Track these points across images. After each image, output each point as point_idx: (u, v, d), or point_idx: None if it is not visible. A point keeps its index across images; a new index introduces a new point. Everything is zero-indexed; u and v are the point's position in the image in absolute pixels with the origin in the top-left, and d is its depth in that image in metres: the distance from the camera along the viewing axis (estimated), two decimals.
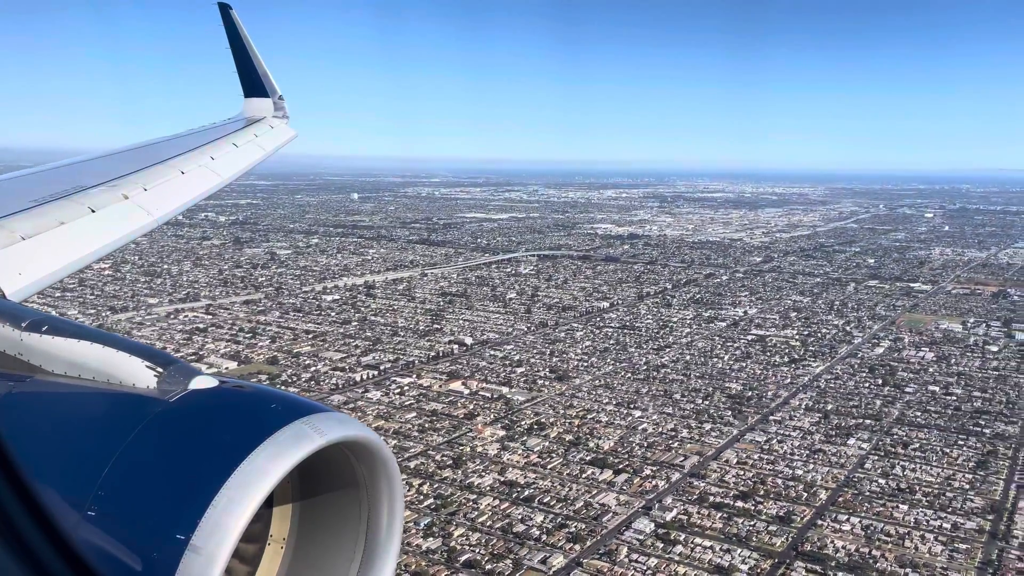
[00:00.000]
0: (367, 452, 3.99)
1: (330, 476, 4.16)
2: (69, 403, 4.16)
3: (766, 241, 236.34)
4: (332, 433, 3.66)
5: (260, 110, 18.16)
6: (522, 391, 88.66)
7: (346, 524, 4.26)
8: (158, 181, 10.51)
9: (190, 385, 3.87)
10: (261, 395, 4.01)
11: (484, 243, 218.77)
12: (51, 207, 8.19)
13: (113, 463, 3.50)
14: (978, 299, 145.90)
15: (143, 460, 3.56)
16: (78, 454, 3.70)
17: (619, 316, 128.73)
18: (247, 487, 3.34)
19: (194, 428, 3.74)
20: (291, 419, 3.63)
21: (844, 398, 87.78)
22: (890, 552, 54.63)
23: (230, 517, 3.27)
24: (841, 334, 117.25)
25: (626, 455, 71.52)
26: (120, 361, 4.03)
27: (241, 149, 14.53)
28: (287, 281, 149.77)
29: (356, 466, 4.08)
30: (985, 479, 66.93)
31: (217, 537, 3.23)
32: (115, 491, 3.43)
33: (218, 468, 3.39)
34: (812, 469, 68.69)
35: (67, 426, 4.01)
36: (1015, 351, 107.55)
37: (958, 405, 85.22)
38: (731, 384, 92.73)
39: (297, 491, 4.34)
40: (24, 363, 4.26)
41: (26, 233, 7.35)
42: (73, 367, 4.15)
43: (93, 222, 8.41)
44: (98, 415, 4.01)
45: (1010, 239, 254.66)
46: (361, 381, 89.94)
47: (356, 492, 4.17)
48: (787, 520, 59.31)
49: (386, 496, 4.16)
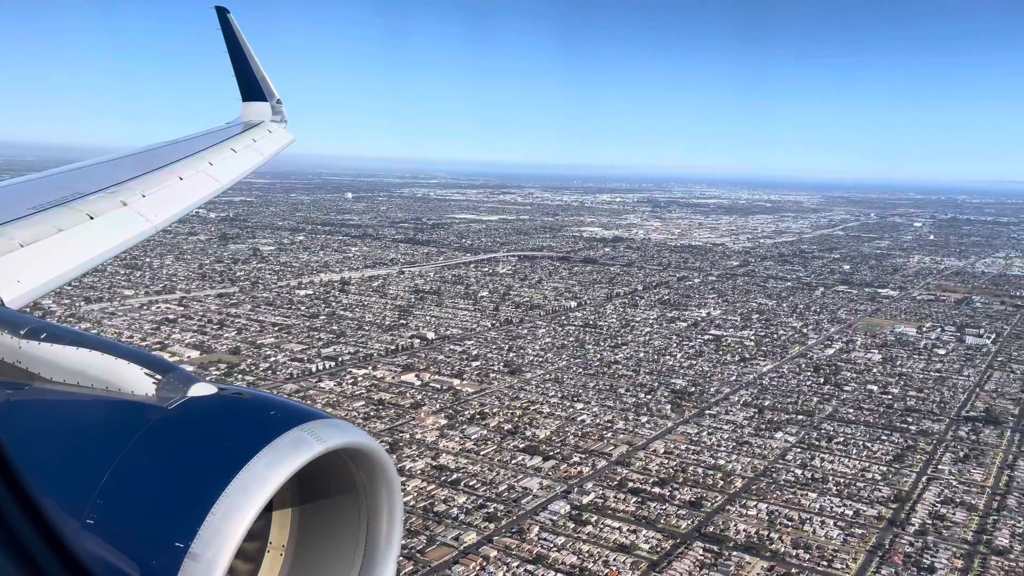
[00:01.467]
0: (366, 459, 4.00)
1: (329, 483, 4.15)
2: (68, 411, 4.13)
3: (748, 246, 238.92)
4: (331, 440, 3.67)
5: (258, 114, 18.08)
6: (473, 383, 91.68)
7: (346, 531, 4.26)
8: (156, 187, 10.49)
9: (189, 392, 3.88)
10: (260, 402, 4.00)
11: (468, 243, 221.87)
12: (49, 214, 8.18)
13: (112, 471, 3.49)
14: (941, 305, 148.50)
15: (142, 468, 3.56)
16: (77, 462, 3.69)
17: (584, 315, 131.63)
18: (246, 494, 3.35)
19: (193, 435, 3.74)
20: (290, 426, 3.65)
21: (783, 395, 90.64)
22: (788, 535, 57.50)
23: (229, 524, 3.28)
24: (797, 335, 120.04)
25: (559, 444, 74.45)
26: (119, 368, 4.03)
27: (240, 154, 14.51)
28: (264, 276, 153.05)
29: (355, 473, 4.08)
30: (898, 472, 69.70)
31: (216, 544, 3.24)
32: (114, 499, 3.43)
33: (217, 475, 3.40)
34: (734, 459, 71.54)
35: (66, 434, 3.99)
36: (962, 354, 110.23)
37: (891, 403, 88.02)
38: (677, 380, 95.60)
39: (296, 498, 4.34)
40: (23, 371, 4.24)
41: (24, 240, 7.33)
42: (72, 375, 4.14)
43: (91, 229, 8.40)
44: (97, 423, 3.98)
45: (992, 249, 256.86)
46: (317, 371, 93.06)
47: (355, 499, 4.18)
48: (698, 505, 62.19)
49: (385, 503, 4.17)
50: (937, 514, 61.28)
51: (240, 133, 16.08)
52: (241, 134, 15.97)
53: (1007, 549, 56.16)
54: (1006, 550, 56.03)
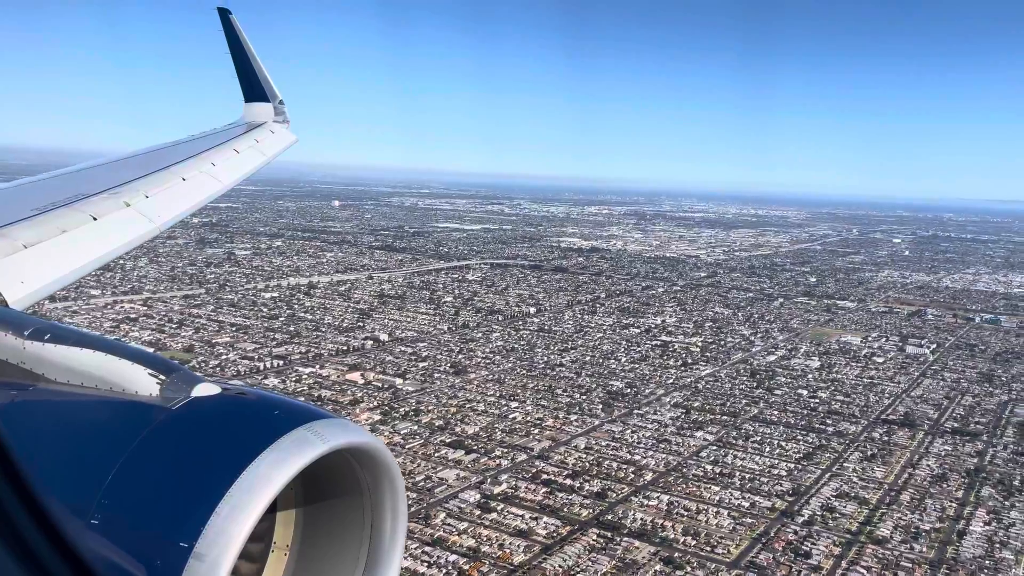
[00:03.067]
0: (370, 458, 4.02)
1: (333, 482, 4.16)
2: (72, 411, 4.13)
3: (722, 259, 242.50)
4: (335, 439, 3.70)
5: (261, 115, 18.15)
6: (415, 383, 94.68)
7: (350, 530, 4.28)
8: (160, 188, 10.52)
9: (193, 392, 3.89)
10: (264, 402, 4.02)
11: (444, 251, 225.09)
12: (53, 215, 8.18)
13: (116, 471, 3.51)
14: (894, 317, 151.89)
15: (146, 468, 3.58)
16: (81, 463, 3.71)
17: (542, 321, 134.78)
18: (250, 494, 3.37)
19: (197, 435, 3.77)
20: (294, 425, 3.67)
21: (714, 397, 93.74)
22: (681, 524, 60.48)
23: (234, 524, 3.30)
24: (744, 343, 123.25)
25: (485, 439, 77.44)
26: (123, 369, 4.04)
27: (242, 155, 14.54)
28: (234, 279, 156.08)
29: (359, 472, 4.10)
30: (805, 468, 72.77)
31: (221, 544, 3.26)
32: (119, 499, 3.45)
33: (221, 475, 3.43)
34: (649, 456, 74.57)
35: (70, 435, 3.99)
36: (899, 363, 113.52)
37: (816, 407, 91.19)
38: (615, 382, 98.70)
39: (301, 497, 4.35)
40: (27, 372, 4.26)
41: (28, 241, 7.33)
42: (76, 375, 4.15)
43: (95, 230, 8.42)
44: (101, 423, 3.99)
45: (963, 265, 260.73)
46: (264, 369, 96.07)
47: (359, 498, 4.20)
48: (603, 496, 65.18)
49: (389, 502, 4.19)
50: (829, 507, 64.35)
51: (243, 134, 16.17)
52: (244, 135, 16.08)
53: (886, 539, 59.22)
54: (885, 540, 59.09)
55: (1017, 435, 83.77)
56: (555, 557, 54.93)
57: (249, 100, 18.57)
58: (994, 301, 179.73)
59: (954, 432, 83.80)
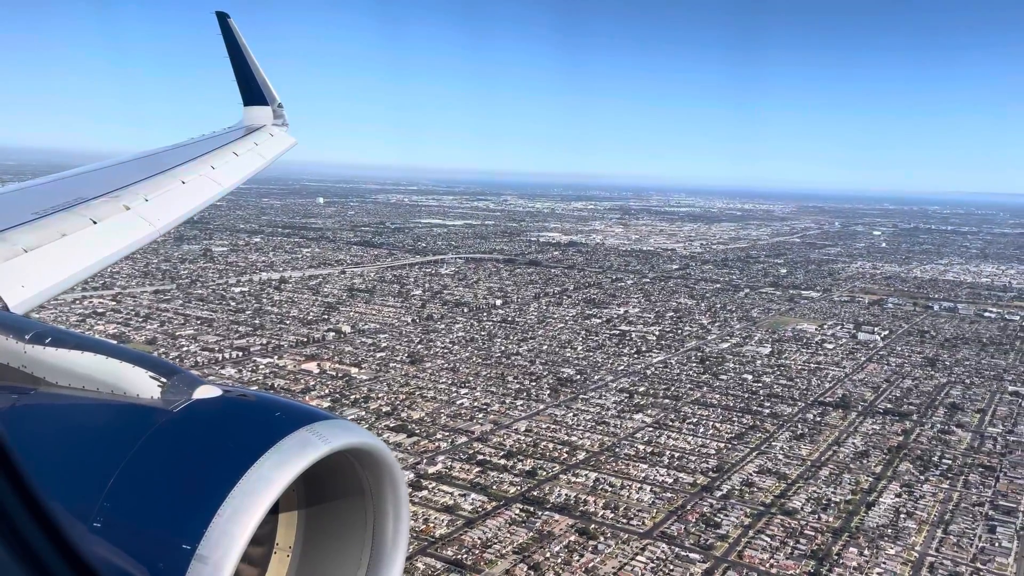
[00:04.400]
0: (372, 459, 4.07)
1: (335, 484, 4.20)
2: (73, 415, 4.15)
3: (698, 252, 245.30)
4: (337, 441, 3.73)
5: (260, 118, 18.25)
6: (370, 372, 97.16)
7: (352, 532, 4.31)
8: (159, 191, 10.54)
9: (194, 395, 3.93)
10: (265, 403, 4.05)
11: (422, 246, 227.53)
12: (53, 219, 8.19)
13: (118, 474, 3.53)
14: (855, 306, 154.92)
15: (148, 471, 3.60)
16: (83, 466, 3.73)
17: (507, 312, 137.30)
18: (252, 496, 3.40)
19: (198, 438, 3.80)
20: (295, 427, 3.70)
21: (661, 382, 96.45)
22: (602, 499, 63.14)
23: (236, 526, 3.32)
24: (701, 331, 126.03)
25: (429, 423, 80.00)
26: (124, 372, 4.07)
27: (241, 158, 14.61)
28: (207, 275, 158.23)
29: (361, 473, 4.14)
30: (734, 448, 75.49)
31: (223, 546, 3.28)
32: (121, 502, 3.47)
33: (223, 477, 3.45)
34: (586, 437, 77.21)
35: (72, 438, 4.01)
36: (849, 349, 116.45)
37: (758, 390, 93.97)
38: (567, 370, 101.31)
39: (303, 499, 4.39)
40: (28, 375, 4.27)
41: (28, 245, 7.34)
42: (77, 379, 4.17)
43: (95, 233, 8.43)
44: (102, 426, 4.02)
45: (937, 255, 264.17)
46: (223, 360, 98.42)
47: (361, 500, 4.24)
48: (533, 474, 67.82)
49: (391, 503, 4.24)
50: (748, 482, 67.09)
51: (242, 137, 16.32)
52: (243, 138, 16.20)
53: (796, 511, 61.98)
54: (795, 511, 61.84)
55: (947, 415, 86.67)
56: (475, 530, 57.52)
57: (248, 104, 18.71)
58: (959, 290, 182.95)
59: (886, 413, 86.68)
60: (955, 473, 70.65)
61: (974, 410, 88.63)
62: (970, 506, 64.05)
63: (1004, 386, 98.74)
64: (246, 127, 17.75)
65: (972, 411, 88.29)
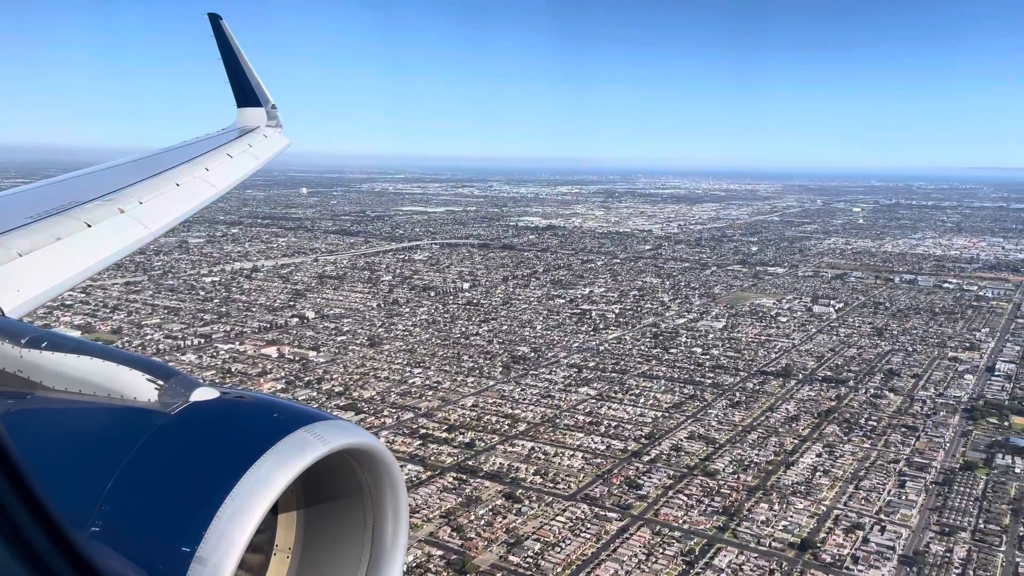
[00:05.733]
0: (371, 459, 4.07)
1: (334, 484, 4.21)
2: (70, 419, 4.15)
3: (674, 232, 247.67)
4: (335, 441, 3.73)
5: (254, 120, 18.24)
6: (328, 355, 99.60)
7: (351, 532, 4.31)
8: (154, 194, 10.56)
9: (191, 397, 3.93)
10: (263, 405, 4.05)
11: (399, 233, 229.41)
12: (47, 223, 8.23)
13: (116, 478, 3.53)
14: (817, 280, 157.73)
15: (146, 474, 3.60)
16: (81, 470, 3.73)
17: (473, 295, 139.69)
18: (251, 497, 3.40)
19: (197, 440, 3.80)
20: (294, 428, 3.71)
21: (612, 358, 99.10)
22: (534, 466, 65.90)
23: (235, 528, 3.33)
24: (660, 308, 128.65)
25: (379, 402, 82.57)
26: (120, 375, 4.07)
27: (236, 160, 14.63)
28: (180, 266, 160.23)
29: (360, 474, 4.14)
30: (671, 416, 78.29)
31: (223, 548, 3.29)
32: (119, 506, 3.47)
33: (222, 479, 3.46)
34: (530, 410, 79.88)
35: (69, 442, 4.01)
36: (801, 321, 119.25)
37: (705, 362, 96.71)
38: (522, 348, 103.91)
39: (302, 500, 4.40)
40: (24, 380, 4.28)
41: (23, 249, 7.37)
42: (73, 382, 4.17)
43: (89, 237, 8.45)
44: (100, 430, 4.01)
45: (912, 231, 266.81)
46: (184, 347, 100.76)
47: (361, 500, 4.24)
48: (471, 445, 70.53)
49: (391, 503, 4.23)
50: (677, 447, 69.90)
51: (236, 139, 16.26)
52: (237, 140, 16.17)
53: (718, 472, 64.84)
54: (716, 472, 64.70)
55: (883, 380, 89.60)
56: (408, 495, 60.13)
57: (241, 105, 18.72)
58: (925, 263, 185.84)
59: (824, 380, 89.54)
60: (878, 434, 73.59)
61: (910, 375, 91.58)
62: (886, 463, 67.02)
63: (945, 352, 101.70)
64: (240, 128, 17.78)
65: (908, 376, 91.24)
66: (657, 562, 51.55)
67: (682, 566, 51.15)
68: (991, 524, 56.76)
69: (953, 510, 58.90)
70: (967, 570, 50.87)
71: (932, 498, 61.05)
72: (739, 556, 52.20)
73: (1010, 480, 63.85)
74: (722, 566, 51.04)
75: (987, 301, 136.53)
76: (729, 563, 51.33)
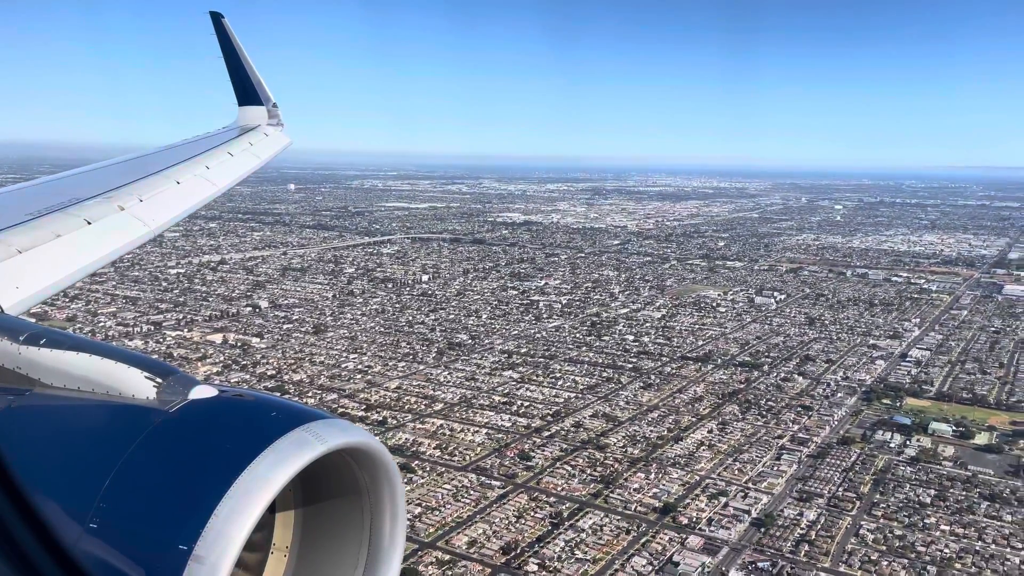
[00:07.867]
0: (368, 458, 4.07)
1: (332, 483, 4.21)
2: (69, 416, 4.15)
3: (648, 228, 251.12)
4: (333, 440, 3.73)
5: (255, 118, 18.23)
6: (270, 341, 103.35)
7: (349, 531, 4.33)
8: (154, 192, 10.59)
9: (190, 395, 3.93)
10: (261, 403, 4.05)
11: (376, 228, 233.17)
12: (47, 220, 8.25)
13: (114, 475, 3.54)
14: (771, 274, 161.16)
15: (144, 471, 3.61)
16: (79, 467, 3.73)
17: (429, 287, 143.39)
18: (249, 496, 3.40)
19: (195, 438, 3.81)
20: (292, 427, 3.71)
21: (545, 344, 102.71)
22: (438, 441, 69.59)
23: (232, 526, 3.33)
24: (608, 299, 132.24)
25: (307, 384, 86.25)
26: (119, 373, 4.07)
27: (236, 158, 14.66)
28: (149, 258, 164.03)
29: (358, 473, 4.15)
30: (582, 397, 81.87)
31: (220, 546, 3.29)
32: (117, 503, 3.48)
33: (219, 477, 3.46)
34: (451, 392, 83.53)
35: (67, 439, 4.03)
36: (738, 312, 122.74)
37: (631, 348, 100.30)
38: (461, 335, 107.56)
39: (300, 499, 4.40)
40: (23, 377, 4.27)
41: (22, 246, 7.37)
42: (72, 380, 4.17)
43: (89, 234, 8.46)
44: (98, 427, 4.02)
45: (887, 228, 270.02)
46: (134, 334, 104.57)
47: (358, 499, 4.25)
48: (383, 423, 74.22)
49: (388, 502, 4.25)
50: (577, 423, 73.53)
51: (236, 137, 16.23)
52: (237, 138, 16.15)
53: (608, 446, 68.47)
54: (607, 446, 68.34)
55: (796, 365, 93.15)
56: None
57: (242, 103, 18.73)
58: (884, 259, 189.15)
59: (741, 365, 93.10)
60: (773, 413, 77.17)
61: (824, 360, 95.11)
62: (771, 439, 70.61)
63: (867, 340, 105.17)
64: (241, 127, 17.78)
65: (822, 361, 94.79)
66: (526, 523, 55.23)
67: (547, 527, 54.83)
68: (849, 492, 60.35)
69: (818, 479, 62.51)
70: (810, 531, 54.46)
71: (803, 469, 64.66)
72: (604, 518, 55.86)
73: (882, 454, 67.44)
74: (585, 527, 54.70)
75: (929, 294, 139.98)
76: (592, 524, 55.00)
